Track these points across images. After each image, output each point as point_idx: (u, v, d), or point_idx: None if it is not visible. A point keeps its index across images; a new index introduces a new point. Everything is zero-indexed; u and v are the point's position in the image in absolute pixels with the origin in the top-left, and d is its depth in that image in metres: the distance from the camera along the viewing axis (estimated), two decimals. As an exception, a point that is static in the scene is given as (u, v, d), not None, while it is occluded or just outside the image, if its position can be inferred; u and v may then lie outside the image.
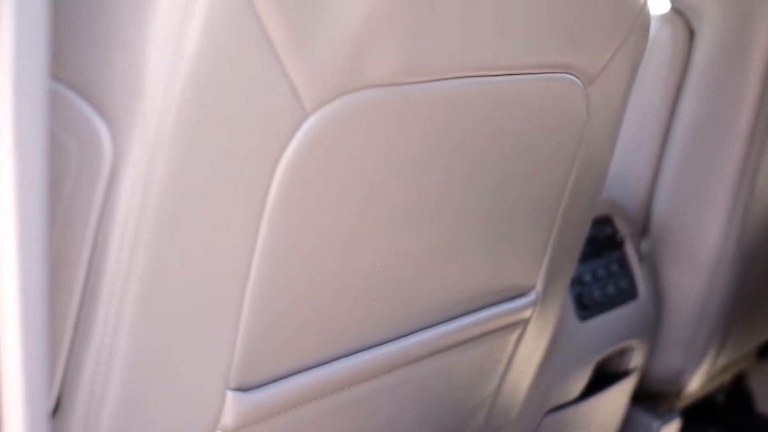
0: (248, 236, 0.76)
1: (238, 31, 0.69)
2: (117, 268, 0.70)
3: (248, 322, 0.80)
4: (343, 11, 0.74)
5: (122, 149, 0.68)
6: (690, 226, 1.67)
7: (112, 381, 0.73)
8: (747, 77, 1.59)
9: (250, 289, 0.78)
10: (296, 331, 0.85)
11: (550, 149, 1.05)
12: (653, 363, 1.73)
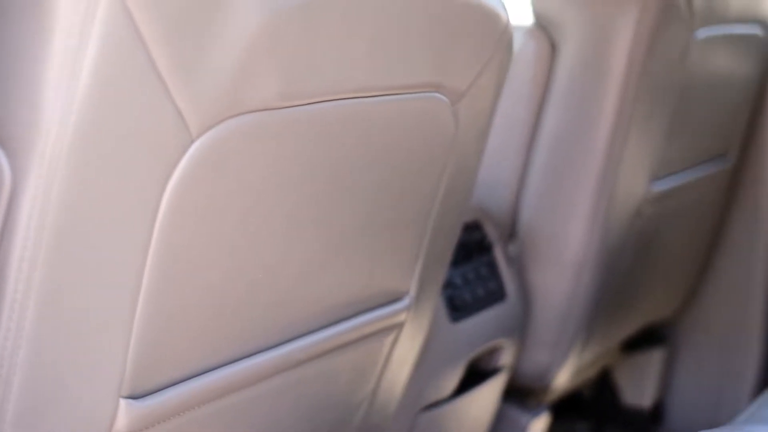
0: (139, 251, 0.81)
1: (127, 62, 0.73)
2: (16, 286, 0.74)
3: (140, 332, 0.84)
4: (225, 40, 0.79)
5: (21, 174, 0.73)
6: (554, 230, 1.73)
7: (11, 393, 0.77)
8: (606, 90, 1.66)
9: (142, 301, 0.83)
10: (185, 339, 0.90)
11: (421, 163, 1.11)
12: (522, 360, 1.78)
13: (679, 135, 1.84)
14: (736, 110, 2.08)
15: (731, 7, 1.83)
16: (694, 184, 1.98)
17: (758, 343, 2.36)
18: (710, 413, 2.38)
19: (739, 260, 2.36)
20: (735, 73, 2.00)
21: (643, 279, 1.98)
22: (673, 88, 1.74)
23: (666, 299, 2.19)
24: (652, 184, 1.80)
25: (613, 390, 2.37)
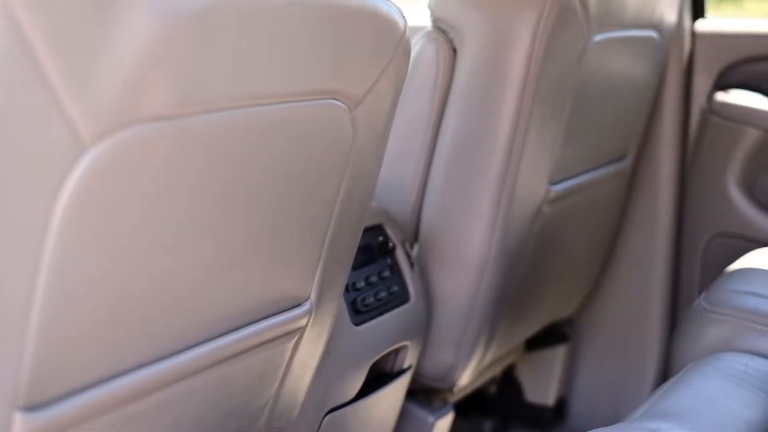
0: (32, 262, 0.81)
1: (16, 72, 0.73)
2: None
3: (36, 341, 0.83)
4: (117, 50, 0.80)
5: None
6: (456, 231, 1.75)
7: None
8: (505, 93, 1.68)
9: (37, 310, 0.82)
10: (84, 348, 0.89)
11: (319, 169, 1.12)
12: (426, 361, 1.80)
13: (578, 137, 1.87)
14: (634, 112, 2.12)
15: (627, 12, 1.87)
16: (594, 184, 2.02)
17: (657, 339, 2.41)
18: (611, 408, 2.43)
19: (638, 258, 2.41)
20: (631, 76, 2.04)
21: (544, 278, 2.01)
22: (571, 91, 1.78)
23: (568, 298, 2.23)
24: (551, 185, 1.84)
25: (518, 387, 2.41)
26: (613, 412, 2.42)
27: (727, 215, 2.36)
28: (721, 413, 1.33)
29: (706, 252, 2.40)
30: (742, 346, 1.60)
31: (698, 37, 2.36)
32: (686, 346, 1.70)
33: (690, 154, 2.39)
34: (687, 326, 1.73)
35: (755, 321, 1.62)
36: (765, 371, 1.48)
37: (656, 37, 2.05)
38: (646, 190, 2.38)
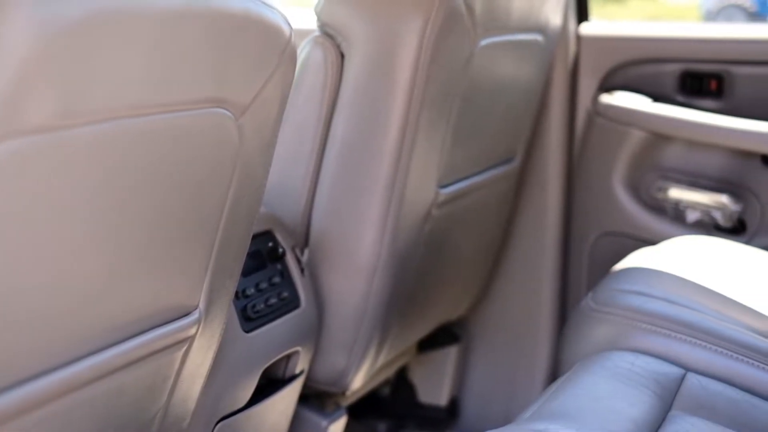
0: None
1: None
2: None
3: None
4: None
5: None
6: (346, 236, 1.75)
7: None
8: (393, 97, 1.69)
9: None
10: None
11: (207, 177, 1.11)
12: (318, 365, 1.80)
13: (466, 139, 1.89)
14: (521, 114, 2.15)
15: (512, 16, 1.90)
16: (483, 186, 2.04)
17: (547, 338, 2.45)
18: (503, 407, 2.46)
19: (527, 259, 2.45)
20: (518, 79, 2.07)
21: (436, 280, 2.03)
22: (459, 94, 1.79)
23: (459, 298, 2.25)
24: (441, 188, 1.85)
25: (411, 388, 2.42)
26: (504, 411, 2.45)
27: (613, 215, 2.40)
28: (608, 412, 1.36)
29: (593, 251, 2.45)
30: (628, 345, 1.63)
31: (583, 40, 2.41)
32: (574, 345, 1.73)
33: (576, 155, 2.43)
34: (575, 326, 1.76)
35: (641, 320, 1.66)
36: (651, 369, 1.51)
37: (542, 40, 2.09)
38: (534, 191, 2.42)
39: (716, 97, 2.35)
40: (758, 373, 1.56)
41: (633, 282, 1.79)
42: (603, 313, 1.71)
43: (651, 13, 12.52)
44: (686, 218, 2.34)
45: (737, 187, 2.32)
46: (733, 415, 1.44)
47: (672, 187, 2.36)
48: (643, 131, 2.35)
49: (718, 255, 2.02)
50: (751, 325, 1.69)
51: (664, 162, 2.38)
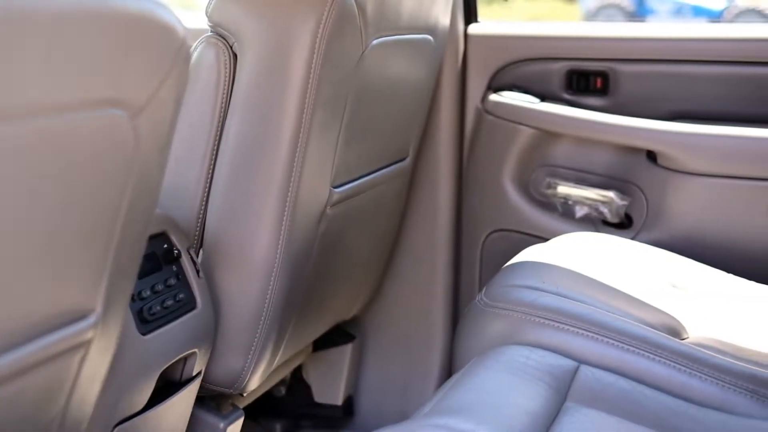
0: None
1: None
2: None
3: None
4: None
5: None
6: (241, 236, 1.74)
7: None
8: (286, 97, 1.69)
9: None
10: None
11: (101, 179, 1.10)
12: (215, 367, 1.79)
13: (359, 139, 1.90)
14: (412, 113, 2.17)
15: (402, 16, 1.91)
16: (376, 185, 2.06)
17: (441, 335, 2.47)
18: (399, 405, 2.48)
19: (420, 257, 2.47)
20: (409, 79, 2.09)
21: (331, 279, 2.03)
22: (351, 94, 1.80)
23: (354, 297, 2.26)
24: (334, 188, 1.86)
25: (307, 388, 2.42)
26: (400, 408, 2.47)
27: (504, 212, 2.44)
28: (505, 406, 1.38)
29: (485, 248, 2.48)
30: (522, 339, 1.66)
31: (471, 40, 2.44)
32: (469, 341, 1.75)
33: (466, 153, 2.46)
34: (469, 322, 1.78)
35: (534, 314, 1.69)
36: (545, 362, 1.54)
37: (431, 40, 2.11)
38: (426, 189, 2.44)
39: (602, 94, 2.40)
40: (648, 364, 1.60)
41: (525, 277, 1.82)
42: (496, 309, 1.74)
43: (534, 12, 12.72)
44: (575, 214, 2.39)
45: (624, 182, 2.37)
46: (625, 405, 1.47)
47: (560, 184, 2.40)
48: (532, 129, 2.39)
49: (606, 250, 2.07)
50: (639, 316, 1.74)
51: (552, 159, 2.43)
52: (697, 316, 1.84)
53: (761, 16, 12.41)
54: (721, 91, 2.33)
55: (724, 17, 12.72)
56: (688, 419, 1.47)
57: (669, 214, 2.30)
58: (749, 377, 1.58)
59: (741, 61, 2.31)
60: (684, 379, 1.58)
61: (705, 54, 2.34)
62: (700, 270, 2.10)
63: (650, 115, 2.34)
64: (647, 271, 2.01)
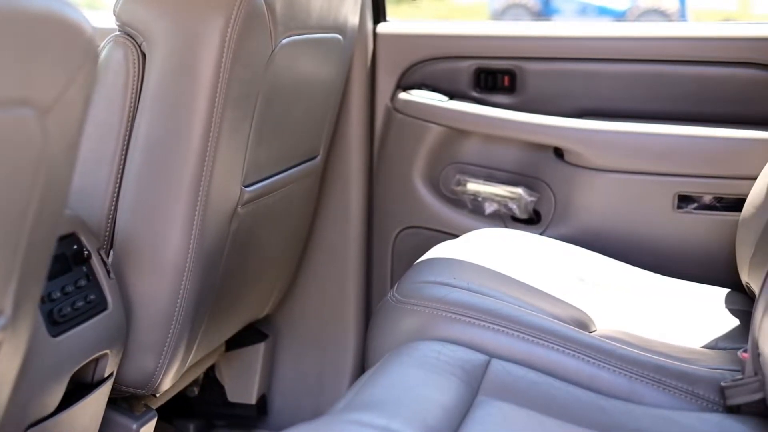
0: None
1: None
2: None
3: None
4: None
5: None
6: (152, 236, 1.73)
7: None
8: (196, 97, 1.69)
9: None
10: None
11: (9, 179, 1.09)
12: (127, 368, 1.77)
13: (269, 138, 1.90)
14: (323, 112, 2.18)
15: (312, 16, 1.92)
16: (287, 184, 2.06)
17: (354, 332, 2.48)
18: (313, 402, 2.48)
19: (333, 255, 2.48)
20: (319, 78, 2.10)
21: (243, 278, 2.03)
22: (261, 93, 1.80)
23: (267, 296, 2.26)
24: (246, 186, 1.86)
25: (220, 388, 2.42)
26: (314, 406, 2.47)
27: (414, 209, 2.46)
28: (418, 400, 1.39)
29: (396, 245, 2.50)
30: (434, 335, 1.68)
31: (380, 39, 2.46)
32: (381, 337, 1.77)
33: (377, 151, 2.48)
34: (381, 318, 1.80)
35: (445, 309, 1.71)
36: (457, 357, 1.56)
37: (341, 39, 2.12)
38: (338, 187, 2.45)
39: (509, 92, 2.44)
40: (557, 356, 1.63)
41: (436, 274, 1.84)
42: (408, 305, 1.75)
43: (443, 13, 12.79)
44: (484, 210, 2.42)
45: (532, 179, 2.41)
46: (535, 397, 1.50)
47: (470, 181, 2.43)
48: (440, 127, 2.42)
49: (515, 246, 2.10)
50: (549, 310, 1.77)
51: (461, 156, 2.45)
52: (605, 309, 1.88)
53: (663, 16, 12.64)
54: (625, 88, 2.38)
55: (627, 17, 12.93)
56: (596, 409, 1.50)
57: (576, 209, 2.34)
58: (655, 368, 1.62)
59: (643, 59, 2.37)
60: (592, 370, 1.61)
61: (609, 52, 2.39)
62: (606, 264, 2.14)
63: (557, 113, 2.38)
64: (556, 265, 2.04)
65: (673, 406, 1.57)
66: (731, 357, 1.71)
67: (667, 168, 2.27)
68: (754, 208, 1.97)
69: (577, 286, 1.96)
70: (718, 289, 2.10)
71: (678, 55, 2.35)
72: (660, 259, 2.26)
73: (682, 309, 1.96)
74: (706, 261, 2.26)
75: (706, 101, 2.34)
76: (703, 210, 2.27)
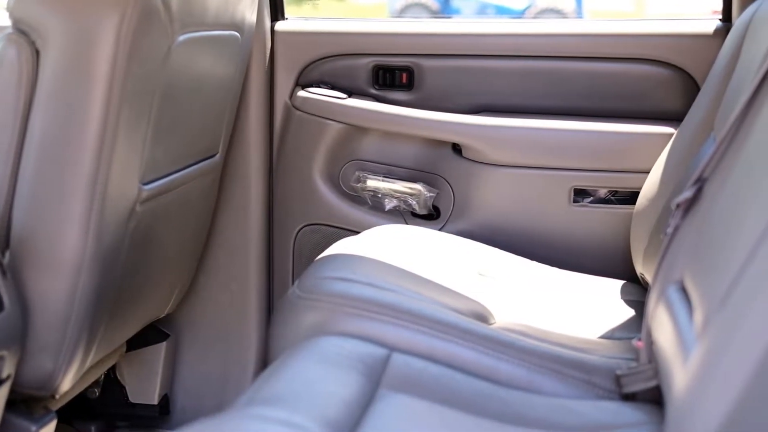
0: None
1: None
2: None
3: None
4: None
5: None
6: (49, 235, 1.71)
7: None
8: (92, 94, 1.67)
9: None
10: None
11: None
12: (25, 369, 1.75)
13: (167, 136, 1.89)
14: (221, 110, 2.17)
15: (209, 13, 1.91)
16: (186, 181, 2.05)
17: (256, 329, 2.48)
18: (216, 400, 2.47)
19: (234, 252, 2.47)
20: (217, 75, 2.09)
21: (143, 277, 2.02)
22: (158, 90, 1.79)
23: (167, 295, 2.25)
24: (144, 185, 1.85)
25: (121, 388, 2.40)
26: (217, 404, 2.47)
27: (315, 206, 2.47)
28: (319, 395, 1.40)
29: (298, 242, 2.50)
30: (335, 330, 1.68)
31: (278, 37, 2.46)
32: (283, 333, 1.77)
33: (277, 148, 2.48)
34: (283, 314, 1.80)
35: (346, 305, 1.72)
36: (358, 351, 1.57)
37: (238, 37, 2.12)
38: (238, 184, 2.45)
39: (407, 89, 2.46)
40: (457, 349, 1.65)
41: (337, 269, 1.85)
42: (309, 301, 1.76)
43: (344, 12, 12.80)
44: (384, 207, 2.44)
45: (431, 175, 2.43)
46: (436, 389, 1.51)
47: (370, 178, 2.45)
48: (339, 124, 2.43)
49: (415, 241, 2.12)
50: (449, 304, 1.79)
51: (361, 153, 2.47)
52: (504, 302, 1.91)
53: (560, 15, 12.82)
54: (521, 84, 2.42)
55: (525, 16, 13.08)
56: (495, 400, 1.52)
57: (474, 204, 2.37)
58: (553, 358, 1.65)
59: (538, 55, 2.40)
60: (492, 362, 1.64)
61: (504, 49, 2.42)
62: (505, 258, 2.18)
63: (454, 109, 2.40)
64: (455, 260, 2.07)
65: (571, 395, 1.60)
66: (627, 346, 1.75)
67: (562, 163, 2.31)
68: (648, 200, 2.02)
69: (477, 280, 1.99)
70: (614, 281, 2.15)
71: (572, 52, 2.39)
72: (557, 252, 2.30)
73: (580, 301, 2.00)
74: (602, 254, 2.31)
75: (600, 97, 2.38)
76: (599, 204, 2.32)
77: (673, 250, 1.59)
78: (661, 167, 2.02)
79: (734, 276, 1.17)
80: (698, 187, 1.57)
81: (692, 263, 1.44)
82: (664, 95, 2.35)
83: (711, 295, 1.25)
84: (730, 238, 1.28)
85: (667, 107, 2.34)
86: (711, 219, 1.43)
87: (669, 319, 1.43)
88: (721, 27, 2.32)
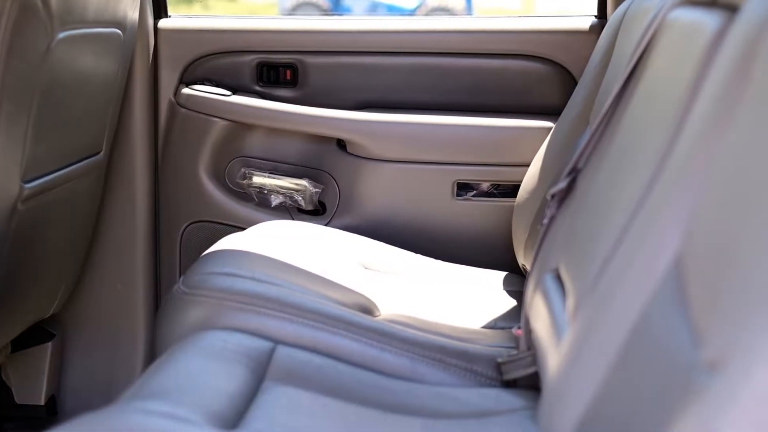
0: None
1: None
2: None
3: None
4: None
5: None
6: None
7: None
8: None
9: None
10: None
11: None
12: None
13: (49, 134, 1.88)
14: (104, 107, 2.16)
15: (89, 10, 1.91)
16: (70, 180, 2.04)
17: (143, 326, 2.47)
18: (105, 399, 2.44)
19: (120, 251, 2.46)
20: (99, 73, 2.08)
21: (26, 277, 2.00)
22: (38, 88, 1.78)
23: (53, 295, 2.23)
24: (25, 183, 1.83)
25: (7, 390, 2.37)
26: (105, 404, 2.43)
27: (202, 203, 2.47)
28: (204, 388, 1.41)
29: (184, 240, 2.50)
30: (220, 324, 1.69)
31: (161, 34, 2.45)
32: (169, 329, 1.77)
33: (162, 146, 2.47)
34: (168, 311, 1.80)
35: (231, 299, 1.72)
36: (243, 345, 1.58)
37: (120, 34, 2.11)
38: (123, 183, 2.43)
39: (291, 86, 2.47)
40: (342, 341, 1.67)
41: (222, 265, 1.85)
42: (194, 296, 1.76)
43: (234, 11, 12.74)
44: (270, 203, 2.45)
45: (316, 171, 2.45)
46: (321, 380, 1.54)
47: (255, 174, 2.46)
48: (224, 121, 2.43)
49: (301, 236, 2.14)
50: (334, 297, 1.81)
51: (246, 150, 2.48)
52: (388, 295, 1.94)
53: (450, 14, 12.95)
54: (405, 80, 2.45)
55: (416, 14, 13.17)
56: (380, 389, 1.55)
57: (359, 199, 2.39)
58: (436, 348, 1.68)
59: (422, 51, 2.44)
60: (376, 353, 1.66)
61: (388, 45, 2.45)
62: (390, 251, 2.21)
63: (339, 105, 2.43)
64: (340, 254, 2.09)
65: (454, 383, 1.64)
66: (508, 335, 1.79)
67: (446, 157, 2.35)
68: (528, 193, 2.07)
69: (362, 274, 2.02)
70: (497, 273, 2.19)
71: (455, 48, 2.43)
72: (441, 245, 2.34)
73: (463, 292, 2.04)
74: (485, 246, 2.35)
75: (484, 92, 2.43)
76: (482, 197, 2.37)
77: (549, 240, 1.63)
78: (540, 160, 2.07)
79: (603, 261, 1.21)
80: (572, 178, 1.62)
81: (566, 252, 1.49)
82: (545, 90, 2.41)
83: (582, 281, 1.30)
84: (600, 226, 1.32)
85: (547, 102, 2.40)
86: (583, 208, 1.48)
87: (545, 307, 1.48)
88: (597, 23, 2.39)
